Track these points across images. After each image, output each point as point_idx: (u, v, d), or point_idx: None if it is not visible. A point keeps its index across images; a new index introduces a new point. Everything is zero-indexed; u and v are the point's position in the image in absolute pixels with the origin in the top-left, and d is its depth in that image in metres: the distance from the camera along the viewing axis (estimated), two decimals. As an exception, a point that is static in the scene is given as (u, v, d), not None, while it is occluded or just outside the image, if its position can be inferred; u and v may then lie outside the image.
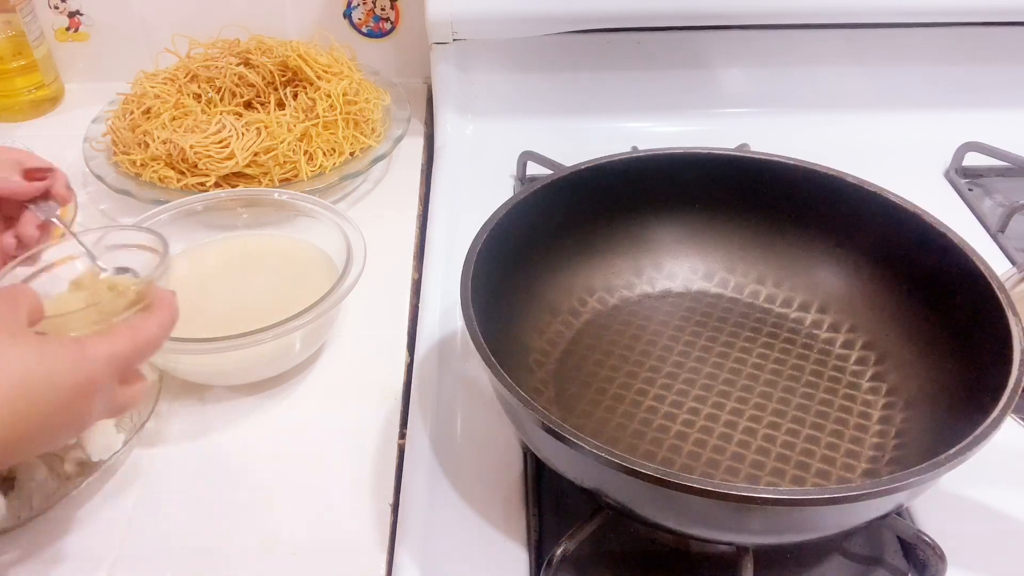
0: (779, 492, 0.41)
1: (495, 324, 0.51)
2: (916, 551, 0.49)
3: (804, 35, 0.86)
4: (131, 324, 0.42)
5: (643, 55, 0.87)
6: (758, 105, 0.90)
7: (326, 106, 0.81)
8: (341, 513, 0.54)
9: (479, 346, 0.47)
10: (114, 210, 0.80)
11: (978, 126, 0.86)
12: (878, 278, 0.60)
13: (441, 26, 0.84)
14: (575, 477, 0.47)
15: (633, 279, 0.65)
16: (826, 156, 0.63)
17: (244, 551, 0.51)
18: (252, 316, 0.58)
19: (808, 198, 0.62)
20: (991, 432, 0.42)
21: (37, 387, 0.37)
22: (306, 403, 0.62)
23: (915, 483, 0.40)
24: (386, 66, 0.97)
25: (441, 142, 0.89)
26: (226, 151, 0.76)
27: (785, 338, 0.61)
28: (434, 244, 0.74)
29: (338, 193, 0.81)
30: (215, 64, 0.85)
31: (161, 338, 0.44)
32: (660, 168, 0.63)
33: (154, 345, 0.43)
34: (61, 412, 0.38)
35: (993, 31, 0.86)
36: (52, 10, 0.97)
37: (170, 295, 0.46)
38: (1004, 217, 0.76)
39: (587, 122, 0.90)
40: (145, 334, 0.42)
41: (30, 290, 0.42)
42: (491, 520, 0.52)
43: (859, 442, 0.54)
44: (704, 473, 0.51)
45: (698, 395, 0.57)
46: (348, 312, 0.68)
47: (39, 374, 0.37)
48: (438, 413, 0.59)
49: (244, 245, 0.69)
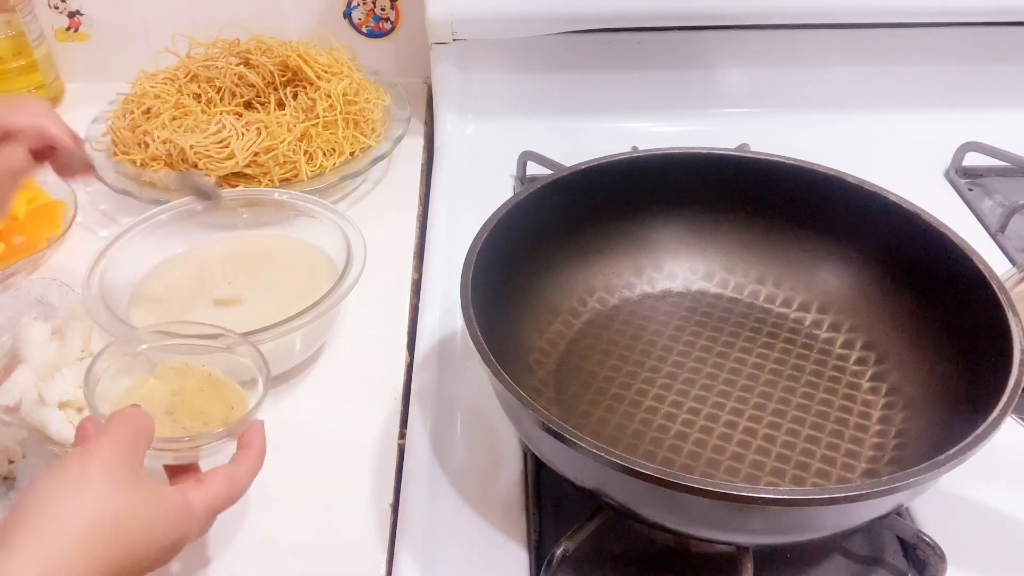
0: (779, 492, 0.41)
1: (495, 324, 0.51)
2: (916, 551, 0.49)
3: (804, 35, 0.86)
4: (228, 475, 0.46)
5: (643, 55, 0.87)
6: (758, 105, 0.90)
7: (326, 106, 0.81)
8: (341, 513, 0.54)
9: (479, 346, 0.47)
10: (114, 210, 0.80)
11: (978, 126, 0.86)
12: (878, 278, 0.60)
13: (441, 26, 0.84)
14: (575, 477, 0.47)
15: (633, 279, 0.65)
16: (826, 156, 0.63)
17: (244, 551, 0.51)
18: (252, 316, 0.58)
19: (808, 198, 0.62)
20: (991, 432, 0.42)
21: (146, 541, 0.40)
22: (306, 403, 0.62)
23: (915, 483, 0.40)
24: (386, 66, 0.97)
25: (441, 142, 0.89)
26: (226, 151, 0.76)
27: (785, 338, 0.61)
28: (434, 244, 0.74)
29: (338, 193, 0.81)
30: (215, 64, 0.85)
31: (249, 485, 0.47)
32: (660, 168, 0.63)
33: (244, 492, 0.47)
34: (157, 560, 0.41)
35: (993, 31, 0.86)
36: (52, 10, 0.97)
37: (260, 431, 0.49)
38: (1004, 217, 0.76)
39: (587, 122, 0.90)
40: (239, 485, 0.46)
41: (149, 422, 0.44)
42: (491, 520, 0.52)
43: (859, 442, 0.54)
44: (704, 473, 0.51)
45: (698, 395, 0.57)
46: (348, 312, 0.68)
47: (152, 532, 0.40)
48: (438, 413, 0.59)
49: (244, 245, 0.69)
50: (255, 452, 0.48)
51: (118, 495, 0.40)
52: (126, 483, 0.40)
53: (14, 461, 0.53)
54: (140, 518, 0.40)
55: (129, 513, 0.39)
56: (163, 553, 0.42)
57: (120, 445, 0.42)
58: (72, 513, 0.38)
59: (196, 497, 0.44)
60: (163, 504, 0.42)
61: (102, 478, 0.40)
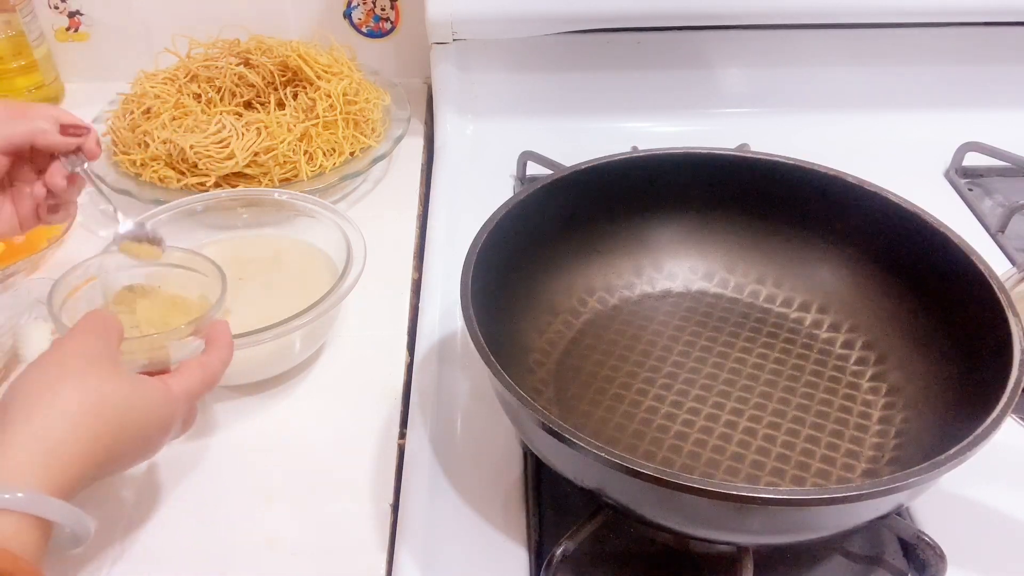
0: (779, 492, 0.41)
1: (495, 324, 0.51)
2: (916, 551, 0.49)
3: (804, 35, 0.86)
4: (201, 363, 0.48)
5: (643, 55, 0.87)
6: (758, 105, 0.90)
7: (326, 106, 0.81)
8: (341, 513, 0.54)
9: (479, 346, 0.47)
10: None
11: (978, 126, 0.86)
12: (878, 278, 0.60)
13: (441, 26, 0.84)
14: (575, 477, 0.47)
15: (633, 279, 0.65)
16: (826, 156, 0.63)
17: (244, 551, 0.51)
18: (252, 316, 0.58)
19: (808, 198, 0.62)
20: (991, 432, 0.42)
21: (133, 420, 0.42)
22: (306, 403, 0.62)
23: (915, 483, 0.40)
24: (386, 66, 0.97)
25: (441, 142, 0.89)
26: (226, 151, 0.76)
27: (785, 338, 0.61)
28: (434, 244, 0.74)
29: (338, 193, 0.81)
30: (215, 64, 0.85)
31: (223, 372, 0.49)
32: (660, 168, 0.63)
33: (218, 379, 0.49)
34: (146, 441, 0.44)
35: (993, 31, 0.86)
36: (52, 10, 0.97)
37: (225, 327, 0.51)
38: (1004, 217, 0.76)
39: (587, 122, 0.90)
40: (212, 371, 0.48)
41: (116, 320, 0.46)
42: (491, 520, 0.52)
43: (859, 442, 0.54)
44: (704, 473, 0.51)
45: (698, 395, 0.57)
46: (348, 312, 0.68)
47: (136, 409, 0.43)
48: (438, 413, 0.59)
49: (244, 245, 0.69)
50: (223, 343, 0.50)
51: (99, 379, 0.41)
52: (105, 370, 0.42)
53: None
54: (125, 397, 0.42)
55: (113, 393, 0.41)
56: (151, 435, 0.44)
57: (93, 338, 0.43)
58: (59, 398, 0.40)
59: (175, 382, 0.46)
60: (144, 385, 0.44)
61: (80, 366, 0.41)
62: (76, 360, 0.42)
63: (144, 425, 0.43)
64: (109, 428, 0.41)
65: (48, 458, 0.38)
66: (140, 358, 0.48)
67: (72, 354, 0.42)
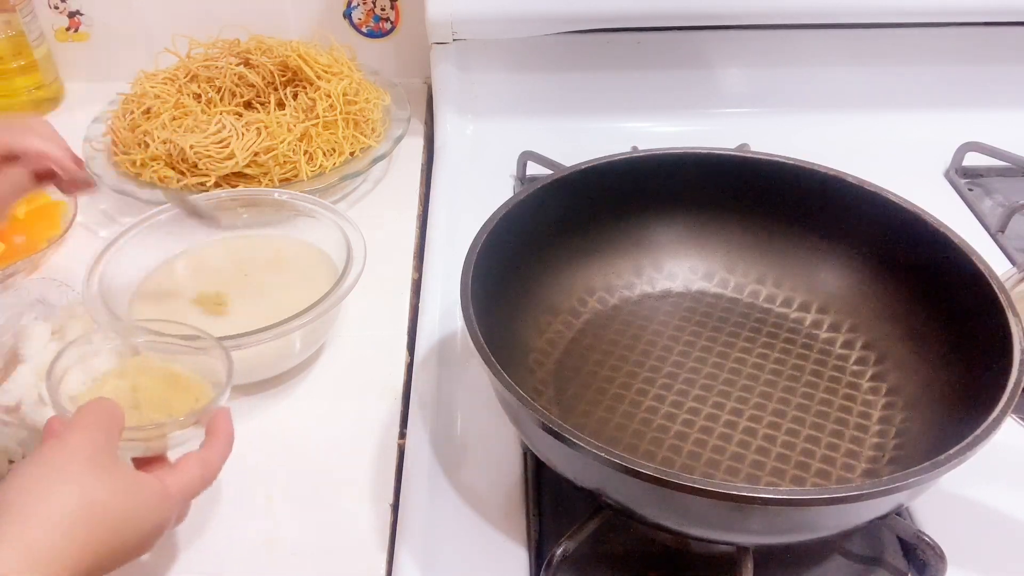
0: (779, 492, 0.41)
1: (495, 324, 0.51)
2: (916, 551, 0.49)
3: (804, 35, 0.86)
4: (201, 459, 0.47)
5: (643, 55, 0.87)
6: (758, 105, 0.90)
7: (326, 106, 0.81)
8: (341, 513, 0.54)
9: (479, 346, 0.47)
10: (114, 210, 0.80)
11: (978, 126, 0.86)
12: (878, 278, 0.60)
13: (441, 26, 0.84)
14: (575, 477, 0.47)
15: (633, 279, 0.65)
16: (826, 156, 0.63)
17: (245, 551, 0.51)
18: (252, 316, 0.58)
19: (808, 198, 0.62)
20: (991, 432, 0.42)
21: (127, 525, 0.41)
22: (306, 403, 0.62)
23: (915, 483, 0.40)
24: (386, 66, 0.97)
25: (441, 142, 0.89)
26: (226, 151, 0.76)
27: (785, 338, 0.61)
28: (434, 244, 0.74)
29: (338, 193, 0.81)
30: (215, 64, 0.85)
31: (221, 468, 0.48)
32: (660, 168, 0.63)
33: (216, 475, 0.47)
34: (139, 544, 0.43)
35: (993, 31, 0.86)
36: (52, 10, 0.97)
37: (227, 418, 0.49)
38: (1004, 217, 0.76)
39: (587, 122, 0.90)
40: (212, 468, 0.47)
41: (119, 411, 0.45)
42: (491, 520, 0.52)
43: (859, 442, 0.54)
44: (704, 473, 0.51)
45: (698, 395, 0.57)
46: (348, 312, 0.68)
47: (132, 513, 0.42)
48: (438, 413, 0.59)
49: (244, 245, 0.69)
50: (223, 437, 0.48)
51: (97, 482, 0.40)
52: (104, 471, 0.41)
53: (14, 461, 0.53)
54: (121, 503, 0.41)
55: (110, 498, 0.40)
56: (145, 538, 0.43)
57: (93, 434, 0.42)
58: (54, 501, 0.39)
59: (172, 482, 0.45)
60: (142, 489, 0.43)
61: (80, 467, 0.40)
62: (74, 464, 0.41)
63: (138, 529, 0.42)
64: (102, 535, 0.40)
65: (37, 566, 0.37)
66: (139, 447, 0.47)
67: (72, 455, 0.41)
